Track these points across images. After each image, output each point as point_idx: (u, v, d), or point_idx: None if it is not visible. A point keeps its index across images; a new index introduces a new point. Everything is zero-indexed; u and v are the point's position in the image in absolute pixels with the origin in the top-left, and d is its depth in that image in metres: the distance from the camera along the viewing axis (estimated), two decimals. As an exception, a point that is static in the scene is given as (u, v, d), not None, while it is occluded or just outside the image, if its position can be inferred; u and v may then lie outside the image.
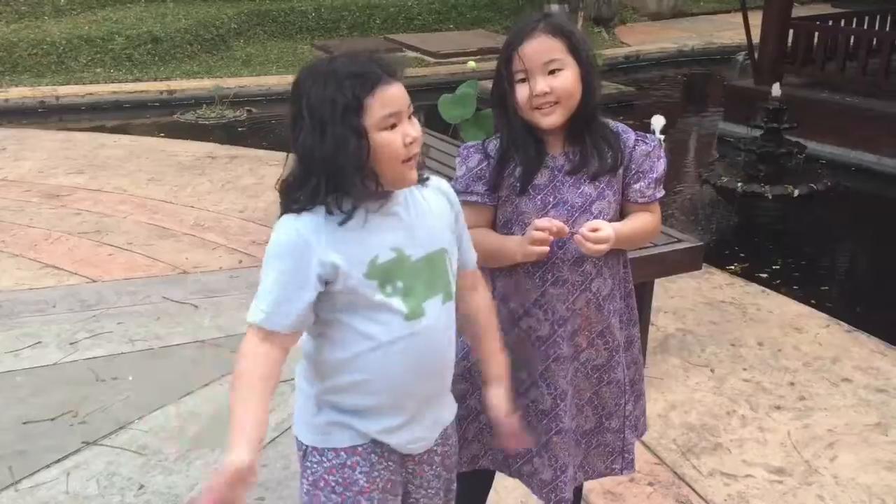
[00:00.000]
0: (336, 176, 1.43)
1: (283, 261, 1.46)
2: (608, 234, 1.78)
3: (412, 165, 1.49)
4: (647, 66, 10.92)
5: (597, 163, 1.82)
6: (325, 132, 1.42)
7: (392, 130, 1.46)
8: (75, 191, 5.38)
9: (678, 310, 3.84)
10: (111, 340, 3.47)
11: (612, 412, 1.96)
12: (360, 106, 1.43)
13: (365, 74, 1.44)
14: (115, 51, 9.64)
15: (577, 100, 1.78)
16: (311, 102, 1.44)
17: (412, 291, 1.52)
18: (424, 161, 1.58)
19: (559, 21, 1.81)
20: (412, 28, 11.84)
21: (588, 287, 1.86)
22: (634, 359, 2.03)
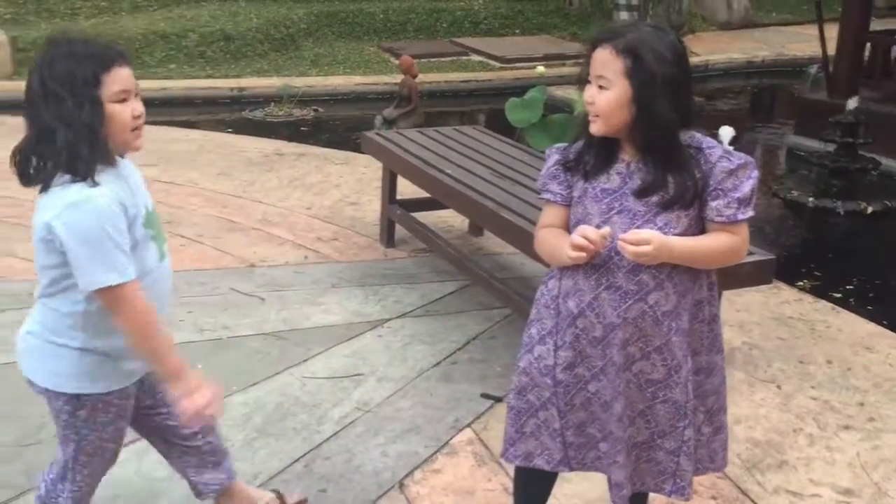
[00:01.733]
0: (87, 138, 1.71)
1: (112, 229, 1.73)
2: (648, 237, 1.76)
3: (138, 135, 1.83)
4: (716, 77, 10.77)
5: (671, 193, 1.82)
6: (66, 101, 1.70)
7: (123, 104, 1.77)
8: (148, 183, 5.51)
9: (744, 323, 3.79)
10: (182, 329, 3.56)
11: (666, 432, 1.93)
12: (98, 80, 1.72)
13: (102, 55, 1.75)
14: (189, 47, 9.88)
15: (619, 119, 1.81)
16: (55, 77, 1.71)
17: (158, 237, 1.91)
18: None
19: (634, 42, 1.78)
20: (478, 32, 11.89)
21: (644, 298, 1.86)
22: (715, 388, 2.00)
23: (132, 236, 1.81)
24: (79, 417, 1.93)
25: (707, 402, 2.01)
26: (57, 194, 1.74)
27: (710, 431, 2.04)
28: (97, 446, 2.00)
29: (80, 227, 1.72)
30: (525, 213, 3.36)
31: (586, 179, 1.90)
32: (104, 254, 1.73)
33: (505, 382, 3.16)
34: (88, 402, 1.92)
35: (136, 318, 1.79)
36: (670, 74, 1.78)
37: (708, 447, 2.05)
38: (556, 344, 1.95)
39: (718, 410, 2.04)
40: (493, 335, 3.61)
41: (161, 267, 1.93)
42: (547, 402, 1.98)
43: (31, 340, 1.92)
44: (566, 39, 11.38)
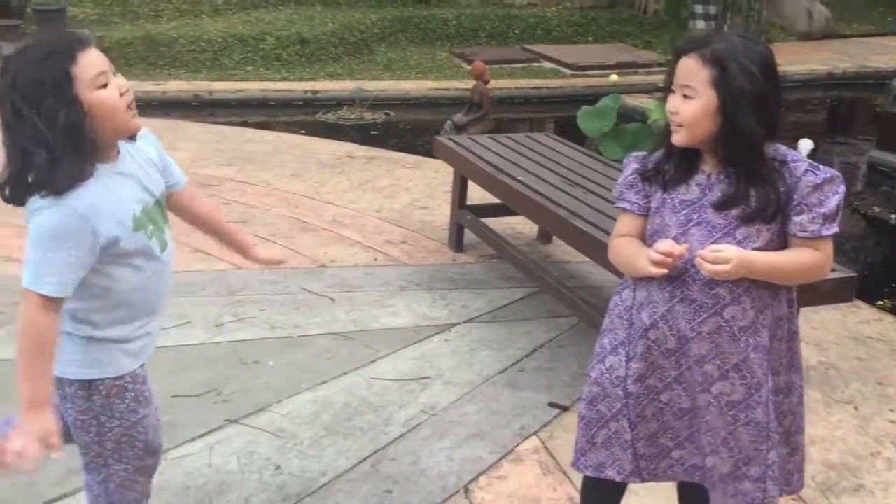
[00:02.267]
0: (66, 146, 1.60)
1: (65, 242, 1.65)
2: (728, 255, 1.73)
3: (133, 113, 1.72)
4: (794, 88, 10.48)
5: (752, 206, 1.78)
6: (41, 111, 1.57)
7: (106, 88, 1.65)
8: (224, 181, 5.66)
9: (821, 342, 3.68)
10: (254, 325, 3.64)
11: (751, 457, 1.88)
12: (69, 77, 1.60)
13: (62, 49, 1.62)
14: (266, 50, 10.08)
15: (704, 130, 1.77)
16: (22, 89, 1.59)
17: (157, 229, 1.83)
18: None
19: (722, 52, 1.75)
20: (550, 39, 11.83)
21: (720, 312, 1.82)
22: (793, 408, 1.95)
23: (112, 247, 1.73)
24: (94, 403, 1.86)
25: (784, 423, 1.96)
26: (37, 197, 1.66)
27: (786, 453, 1.99)
28: (121, 434, 1.91)
29: (34, 231, 1.66)
30: (597, 222, 3.33)
31: (665, 190, 1.88)
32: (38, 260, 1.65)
33: (572, 392, 3.14)
34: (102, 388, 1.86)
35: (37, 333, 1.68)
36: (758, 85, 1.75)
37: (783, 468, 1.99)
38: (628, 355, 1.93)
39: (795, 431, 1.99)
40: (560, 343, 3.59)
41: (161, 260, 1.86)
42: (618, 414, 1.96)
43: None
44: (639, 48, 11.25)
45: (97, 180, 1.70)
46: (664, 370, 1.91)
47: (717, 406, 1.86)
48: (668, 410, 1.94)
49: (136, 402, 1.92)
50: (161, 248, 1.86)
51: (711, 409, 1.87)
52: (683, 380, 1.90)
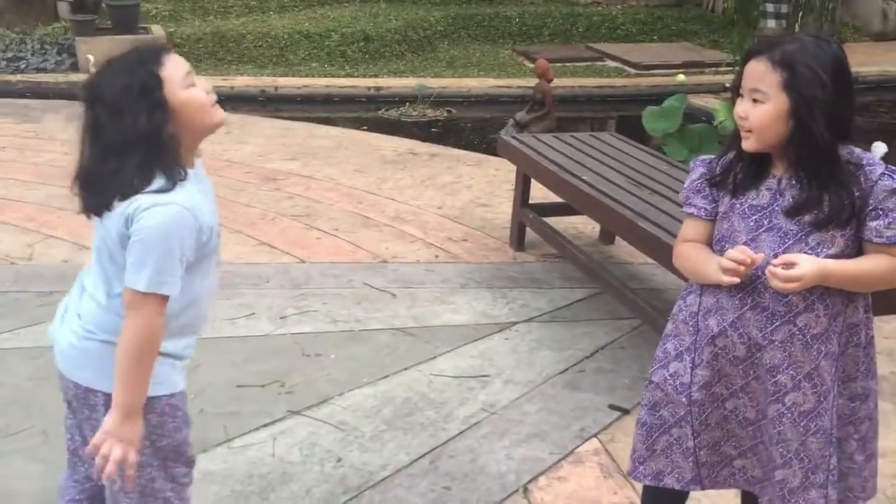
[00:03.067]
0: (159, 149, 1.65)
1: (177, 238, 1.67)
2: (801, 272, 1.68)
3: (217, 106, 1.76)
4: (866, 90, 10.17)
5: (826, 211, 1.73)
6: (134, 116, 1.62)
7: (194, 87, 1.71)
8: (289, 176, 5.74)
9: (893, 352, 3.57)
10: (316, 319, 3.69)
11: (817, 465, 1.84)
12: (159, 80, 1.66)
13: (146, 56, 1.69)
14: (331, 47, 10.18)
15: (775, 134, 1.73)
16: (108, 99, 1.64)
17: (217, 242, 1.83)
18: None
19: (792, 53, 1.71)
20: (614, 38, 11.69)
21: (792, 320, 1.78)
22: (869, 414, 1.91)
23: (205, 246, 1.75)
24: (149, 422, 1.78)
25: (861, 429, 1.92)
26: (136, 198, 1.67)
27: (863, 459, 1.95)
28: (173, 449, 1.87)
29: (150, 230, 1.65)
30: (663, 224, 3.29)
31: (734, 195, 1.84)
32: (157, 260, 1.65)
33: (632, 395, 3.10)
34: (157, 406, 1.80)
35: (154, 338, 1.70)
36: (830, 88, 1.70)
37: (860, 475, 1.95)
38: (694, 362, 1.90)
39: (871, 438, 1.95)
40: (621, 345, 3.55)
41: (217, 272, 1.89)
42: (681, 420, 1.93)
43: (88, 343, 1.78)
44: (706, 47, 11.04)
45: (187, 182, 1.73)
46: (731, 378, 1.87)
47: (789, 417, 1.83)
48: (732, 419, 1.91)
49: (184, 421, 1.88)
50: (218, 264, 1.89)
51: (784, 421, 1.83)
52: (750, 389, 1.87)
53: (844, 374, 1.85)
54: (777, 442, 1.85)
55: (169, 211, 1.66)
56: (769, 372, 1.82)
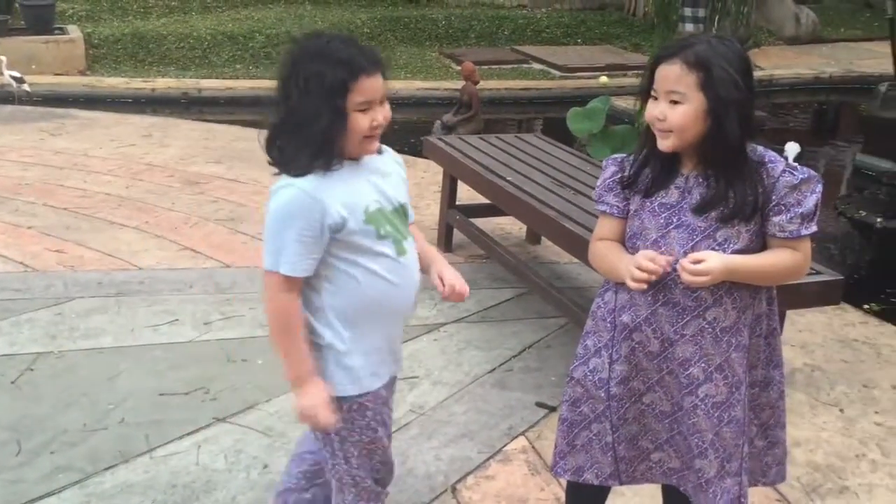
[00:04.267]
0: (317, 141, 1.72)
1: (297, 219, 1.73)
2: (709, 267, 1.74)
3: (372, 141, 1.81)
4: (781, 92, 10.56)
5: (731, 206, 1.79)
6: (311, 102, 1.70)
7: (364, 113, 1.75)
8: (213, 179, 5.64)
9: (807, 344, 3.70)
10: (242, 324, 3.62)
11: (731, 454, 1.90)
12: (345, 89, 1.71)
13: (353, 63, 1.72)
14: (255, 48, 10.07)
15: (693, 134, 1.77)
16: (305, 74, 1.71)
17: (395, 234, 1.85)
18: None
19: (704, 54, 1.75)
20: (540, 41, 11.85)
21: (702, 314, 1.83)
22: (771, 403, 1.97)
23: (338, 231, 1.77)
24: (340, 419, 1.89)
25: (762, 416, 1.98)
26: (280, 178, 1.79)
27: (764, 445, 2.01)
28: (362, 447, 1.96)
29: (270, 211, 1.77)
30: (586, 223, 3.34)
31: (645, 193, 1.88)
32: (274, 239, 1.76)
33: (559, 392, 3.14)
34: (344, 404, 1.89)
35: (282, 311, 1.80)
36: (741, 85, 1.76)
37: (760, 460, 2.02)
38: (612, 357, 1.94)
39: (775, 425, 2.01)
40: (548, 344, 3.60)
41: (399, 263, 1.86)
42: (600, 416, 1.97)
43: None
44: (628, 50, 11.29)
45: (342, 171, 1.78)
46: (647, 372, 1.92)
47: (703, 409, 1.87)
48: (649, 413, 1.95)
49: (374, 420, 1.93)
50: (398, 252, 1.86)
51: (698, 413, 1.88)
52: (665, 383, 1.91)
53: (748, 365, 1.91)
54: (693, 433, 1.90)
55: (286, 193, 1.74)
56: (682, 365, 1.87)
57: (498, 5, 13.29)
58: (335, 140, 1.74)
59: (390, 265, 1.85)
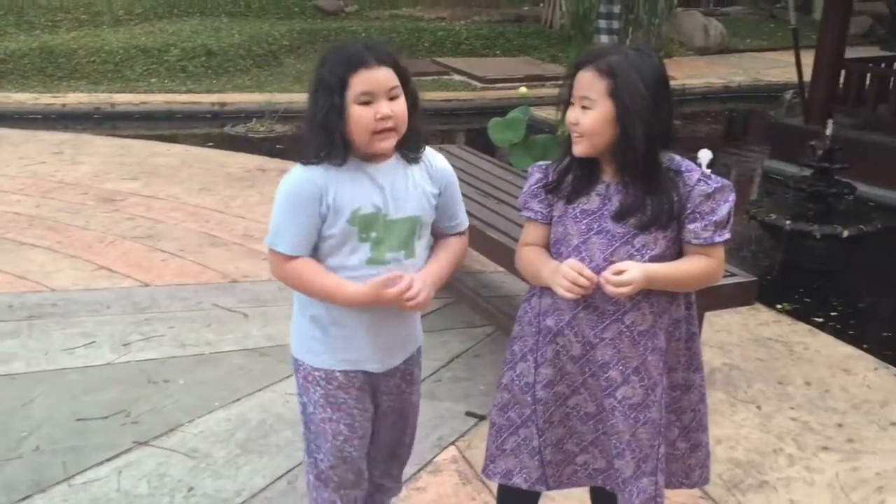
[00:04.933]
0: (325, 136, 1.80)
1: (292, 200, 1.85)
2: (631, 277, 1.79)
3: (383, 138, 1.84)
4: (693, 101, 10.89)
5: (648, 214, 1.83)
6: (319, 100, 1.81)
7: (366, 106, 1.80)
8: (129, 196, 5.49)
9: (724, 344, 3.82)
10: (163, 344, 3.53)
11: (647, 454, 1.94)
12: (344, 83, 1.79)
13: (352, 58, 1.80)
14: (170, 62, 9.85)
15: (604, 139, 1.83)
16: (318, 77, 1.83)
17: (382, 242, 1.89)
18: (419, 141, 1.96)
19: (616, 63, 1.81)
20: (459, 53, 11.95)
21: (621, 318, 1.88)
22: (693, 405, 2.02)
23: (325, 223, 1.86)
24: (297, 381, 2.06)
25: (683, 419, 2.03)
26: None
27: (687, 448, 2.06)
28: (316, 423, 2.03)
29: (279, 192, 1.88)
30: (510, 232, 3.38)
31: (567, 200, 1.92)
32: (275, 219, 1.88)
33: (488, 400, 3.15)
34: (302, 369, 2.03)
35: (285, 280, 1.93)
36: (650, 94, 1.80)
37: (683, 462, 2.06)
38: (537, 361, 1.96)
39: (697, 428, 2.05)
40: (476, 353, 3.61)
41: (373, 269, 1.89)
42: (527, 420, 1.99)
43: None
44: (546, 61, 11.48)
45: (344, 168, 1.85)
46: (571, 375, 1.95)
47: (620, 410, 1.92)
48: (574, 415, 1.98)
49: (325, 399, 2.01)
50: (376, 260, 1.90)
51: (616, 414, 1.92)
52: (588, 385, 1.95)
53: (667, 366, 1.95)
54: (612, 434, 1.94)
55: (290, 176, 1.87)
56: (601, 368, 1.91)
57: (417, 17, 13.35)
58: (335, 132, 1.80)
59: (363, 269, 1.89)
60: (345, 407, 2.02)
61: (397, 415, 2.14)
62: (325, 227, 1.87)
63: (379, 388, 2.08)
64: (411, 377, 2.12)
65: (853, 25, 10.99)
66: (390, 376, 2.07)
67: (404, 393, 2.12)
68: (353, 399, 2.03)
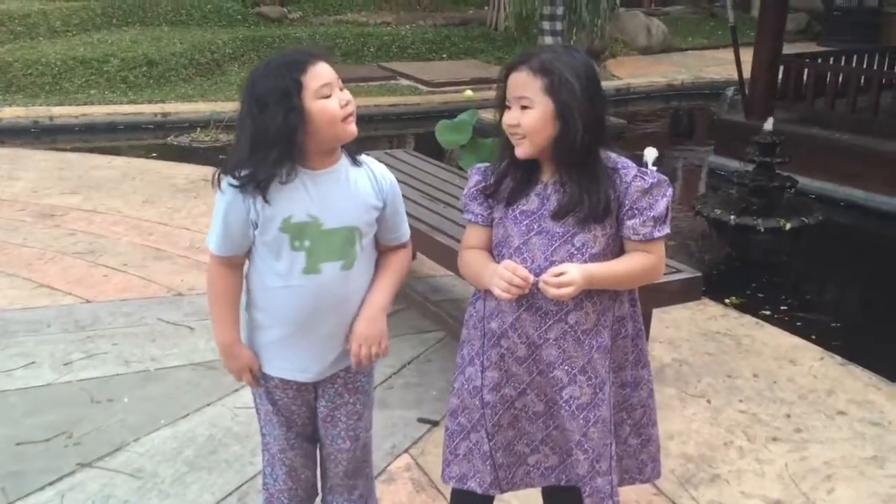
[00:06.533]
0: (281, 144, 1.78)
1: (226, 205, 1.86)
2: (571, 278, 1.79)
3: (350, 121, 1.85)
4: (638, 99, 11.05)
5: (585, 210, 1.83)
6: (269, 112, 1.77)
7: (328, 99, 1.80)
8: (70, 211, 5.36)
9: (673, 340, 3.85)
10: (106, 362, 3.44)
11: (601, 454, 1.94)
12: (299, 85, 1.77)
13: (295, 61, 1.80)
14: (111, 73, 9.66)
15: (545, 137, 1.82)
16: (258, 93, 1.78)
17: (315, 251, 1.88)
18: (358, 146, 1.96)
19: (548, 61, 1.81)
20: (405, 57, 11.95)
21: (564, 318, 1.88)
22: (642, 401, 2.03)
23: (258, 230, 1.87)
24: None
25: (634, 415, 2.04)
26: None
27: (638, 443, 2.07)
28: (262, 416, 2.09)
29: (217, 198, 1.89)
30: (458, 236, 3.36)
31: (507, 202, 1.91)
32: (213, 219, 1.91)
33: (441, 406, 3.14)
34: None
35: (211, 282, 1.96)
36: (584, 89, 1.81)
37: (636, 458, 2.08)
38: (483, 365, 1.95)
39: (647, 423, 2.06)
40: (428, 359, 3.59)
41: (305, 278, 1.89)
42: (476, 424, 1.98)
43: None
44: (492, 64, 11.52)
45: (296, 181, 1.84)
46: (518, 377, 1.94)
47: (568, 410, 1.91)
48: (523, 416, 1.97)
49: (264, 397, 2.04)
50: (308, 269, 1.89)
51: (563, 414, 1.92)
52: (536, 384, 1.94)
53: (615, 364, 1.96)
54: (561, 431, 1.94)
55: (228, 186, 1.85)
56: (548, 367, 1.91)
57: (362, 23, 13.32)
58: (294, 138, 1.78)
59: (293, 278, 1.89)
60: (281, 404, 2.04)
61: (342, 425, 2.10)
62: (258, 232, 1.87)
63: (318, 394, 2.06)
64: (355, 387, 2.08)
65: (790, 22, 11.27)
66: (329, 384, 2.04)
67: (348, 403, 2.07)
68: (290, 398, 2.04)
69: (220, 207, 1.88)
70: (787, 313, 4.60)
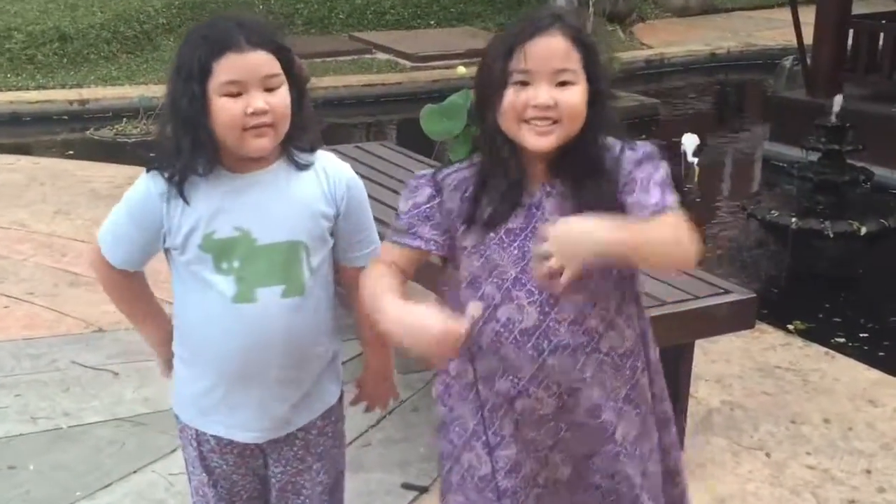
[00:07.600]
0: (182, 134, 1.80)
1: (132, 213, 1.89)
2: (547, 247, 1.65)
3: (257, 134, 1.80)
4: (673, 73, 11.11)
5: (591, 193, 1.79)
6: (178, 90, 1.79)
7: (235, 98, 1.77)
8: (-39, 226, 5.36)
9: (722, 377, 3.84)
10: (6, 418, 3.44)
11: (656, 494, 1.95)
12: (206, 70, 1.77)
13: (219, 40, 1.78)
14: (14, 51, 9.70)
15: (579, 125, 1.78)
16: (177, 59, 1.82)
17: (247, 274, 1.85)
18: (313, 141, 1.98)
19: (578, 27, 1.80)
20: (383, 25, 11.99)
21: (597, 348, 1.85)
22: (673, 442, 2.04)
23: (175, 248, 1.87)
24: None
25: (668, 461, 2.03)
26: None
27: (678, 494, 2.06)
28: (193, 488, 2.07)
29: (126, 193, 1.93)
30: (448, 252, 3.35)
31: (487, 223, 1.81)
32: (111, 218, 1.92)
33: (430, 467, 3.12)
34: (178, 421, 2.04)
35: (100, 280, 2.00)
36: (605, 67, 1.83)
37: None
38: (490, 444, 1.90)
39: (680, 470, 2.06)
40: (414, 406, 3.57)
41: (235, 308, 1.85)
42: None
43: None
44: (491, 31, 11.55)
45: (210, 182, 1.84)
46: (538, 443, 1.90)
47: (626, 453, 1.89)
48: (545, 494, 1.94)
49: (196, 462, 2.01)
50: (239, 297, 1.85)
51: (621, 459, 1.89)
52: (562, 446, 1.90)
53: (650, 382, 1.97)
54: (619, 481, 1.90)
55: (139, 184, 1.88)
56: (590, 414, 1.87)
57: (329, -17, 13.34)
58: (199, 129, 1.78)
59: (222, 308, 1.86)
60: (220, 472, 1.99)
61: (303, 498, 2.06)
62: (177, 253, 1.87)
63: (269, 457, 2.02)
64: (318, 450, 2.04)
65: (861, -25, 11.32)
66: (285, 445, 2.00)
67: (311, 469, 2.03)
68: (231, 466, 1.99)
69: (123, 202, 1.91)
70: (866, 341, 4.61)
